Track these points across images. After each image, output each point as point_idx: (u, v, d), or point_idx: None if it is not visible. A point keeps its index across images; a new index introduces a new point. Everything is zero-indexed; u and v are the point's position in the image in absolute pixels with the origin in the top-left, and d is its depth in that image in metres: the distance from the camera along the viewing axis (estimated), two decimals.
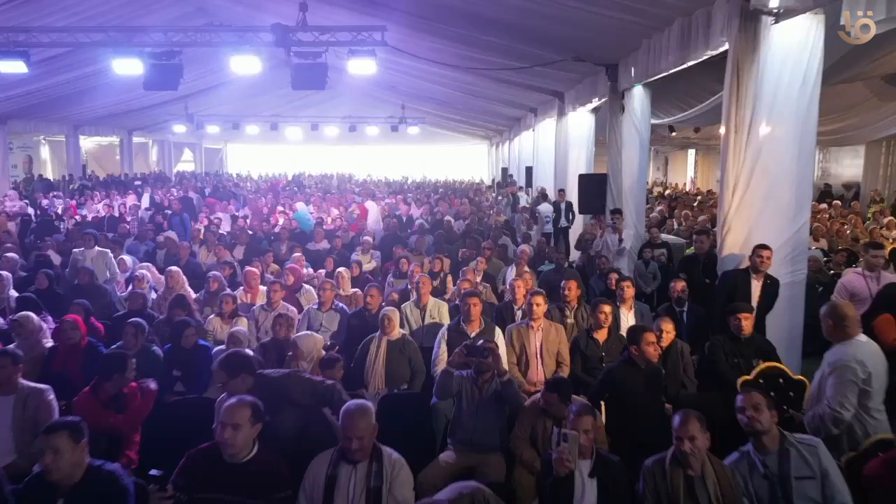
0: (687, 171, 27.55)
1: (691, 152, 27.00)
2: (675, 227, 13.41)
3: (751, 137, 6.06)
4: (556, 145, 14.64)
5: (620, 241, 8.52)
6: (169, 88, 10.66)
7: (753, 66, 6.01)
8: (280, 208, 15.34)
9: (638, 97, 10.30)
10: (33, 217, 14.56)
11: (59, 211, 15.79)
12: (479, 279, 8.33)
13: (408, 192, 23.60)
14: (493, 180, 28.04)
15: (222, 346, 5.36)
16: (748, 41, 6.00)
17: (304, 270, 8.54)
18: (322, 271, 8.44)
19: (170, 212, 13.44)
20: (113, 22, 11.46)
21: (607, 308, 5.63)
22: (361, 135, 26.61)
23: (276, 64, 17.01)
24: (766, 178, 6.08)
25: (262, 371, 3.90)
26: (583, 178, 11.27)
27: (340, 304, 6.64)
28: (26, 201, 16.97)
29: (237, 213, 15.65)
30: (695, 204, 19.13)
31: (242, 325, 6.43)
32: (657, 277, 8.91)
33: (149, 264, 8.60)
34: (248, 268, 7.54)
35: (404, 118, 24.10)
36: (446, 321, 6.39)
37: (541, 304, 5.63)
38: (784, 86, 6.01)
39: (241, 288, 7.44)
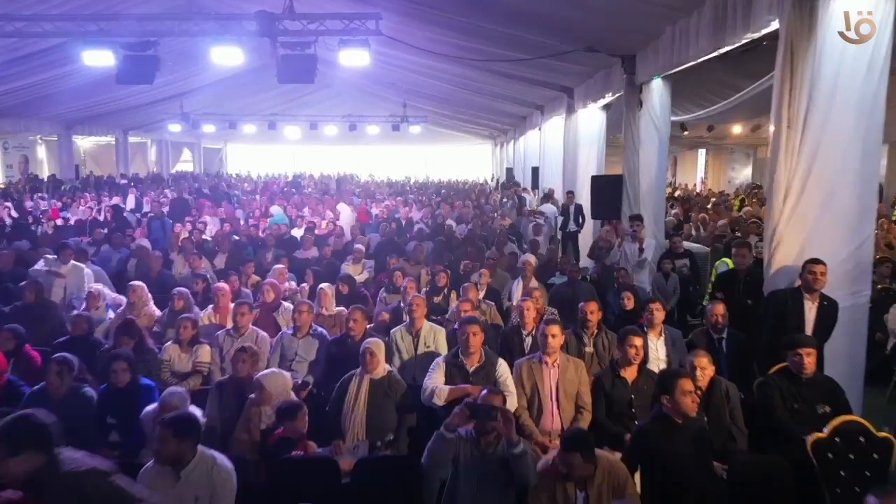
0: (697, 172, 26.48)
1: (702, 152, 25.92)
2: (693, 232, 12.35)
3: (806, 135, 5.03)
4: (565, 144, 13.59)
5: (641, 251, 7.48)
6: (144, 82, 9.67)
7: (810, 49, 4.97)
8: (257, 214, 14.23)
9: (657, 91, 9.26)
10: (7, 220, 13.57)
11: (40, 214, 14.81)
12: (482, 295, 7.31)
13: (409, 193, 22.58)
14: (497, 181, 26.98)
15: (176, 389, 4.29)
16: (803, 20, 4.97)
17: (287, 284, 7.53)
18: (305, 285, 7.41)
19: (151, 214, 12.38)
20: (87, 10, 10.44)
21: (638, 341, 4.59)
22: (362, 134, 25.55)
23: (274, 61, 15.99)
24: (823, 181, 5.06)
25: (60, 455, 2.65)
26: (596, 180, 10.22)
27: (319, 329, 5.63)
28: (8, 204, 16.00)
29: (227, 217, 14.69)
30: (708, 206, 18.05)
31: (205, 355, 5.42)
32: (677, 292, 7.89)
33: (100, 285, 7.51)
34: (218, 283, 6.51)
35: (406, 117, 23.06)
36: (444, 350, 5.37)
37: (557, 336, 4.61)
38: (846, 73, 4.98)
39: (212, 306, 6.43)
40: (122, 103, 20.85)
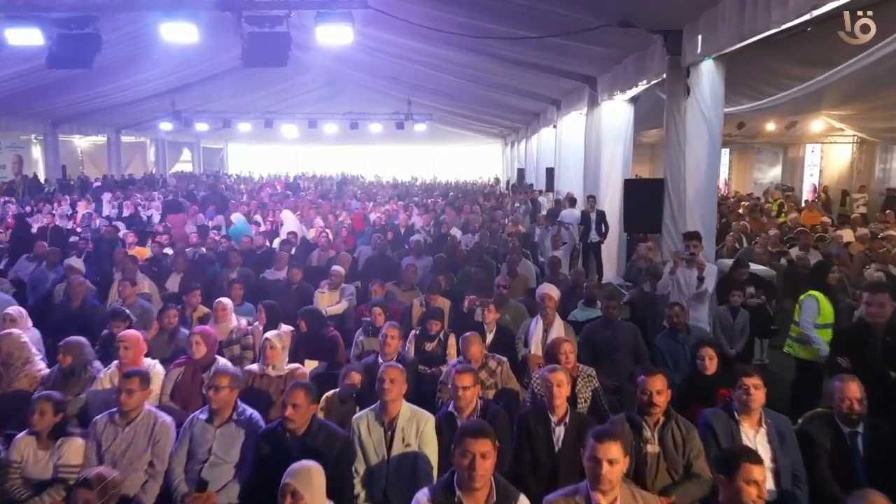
0: (720, 173, 24.33)
1: (725, 151, 23.77)
2: (736, 245, 10.33)
3: None
4: (587, 142, 11.62)
5: (701, 280, 5.53)
6: (82, 66, 7.83)
7: None
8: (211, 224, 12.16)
9: (708, 75, 7.28)
10: None
11: None
12: (489, 337, 5.39)
13: (414, 195, 20.66)
14: (508, 182, 24.97)
15: None
16: None
17: (236, 323, 5.62)
18: (258, 325, 5.48)
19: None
20: None
21: (757, 472, 2.64)
22: (364, 133, 23.60)
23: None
24: None
25: None
26: (630, 186, 8.23)
27: (248, 413, 3.71)
28: None
29: (208, 223, 12.83)
30: (740, 210, 16.01)
31: (73, 454, 3.54)
32: (745, 332, 5.92)
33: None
34: (124, 332, 4.58)
35: (410, 114, 21.12)
36: (432, 450, 3.46)
37: (617, 463, 2.66)
38: None
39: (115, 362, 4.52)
40: (109, 100, 19.14)
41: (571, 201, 11.76)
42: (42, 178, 22.64)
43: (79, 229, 12.44)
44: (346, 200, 16.90)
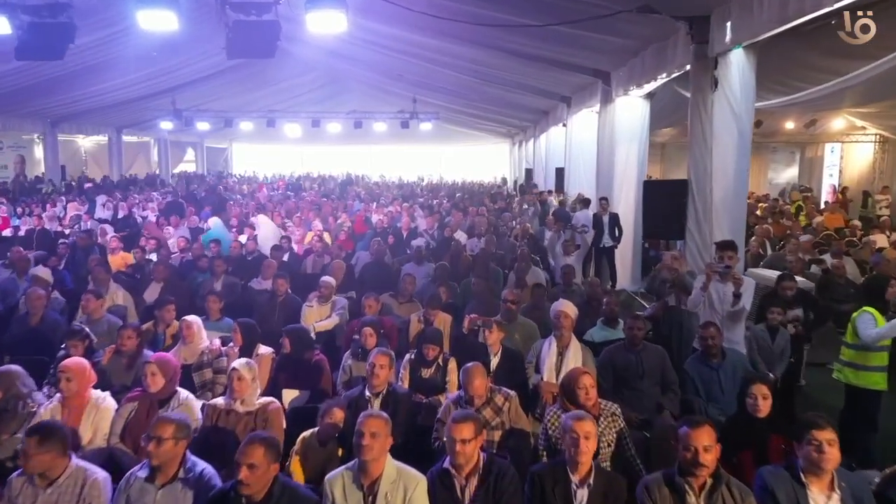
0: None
1: None
2: (760, 251, 9.56)
3: None
4: (600, 141, 10.86)
5: (737, 296, 4.78)
6: (52, 57, 7.20)
7: None
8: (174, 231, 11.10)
9: (737, 66, 6.54)
10: None
11: None
12: (494, 361, 4.68)
13: (419, 196, 19.94)
14: (516, 182, 24.20)
15: None
16: None
17: (206, 343, 4.92)
18: (234, 347, 4.77)
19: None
20: None
21: None
22: (370, 132, 22.87)
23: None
24: None
25: None
26: (651, 188, 7.48)
27: (199, 469, 3.00)
28: None
29: (203, 225, 12.15)
30: (757, 212, 15.17)
31: None
32: (786, 355, 5.17)
33: None
34: (66, 360, 3.89)
35: (416, 113, 20.39)
36: None
37: None
38: None
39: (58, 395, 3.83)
40: (108, 98, 18.51)
41: (584, 202, 10.99)
42: (46, 179, 22.11)
43: (67, 231, 11.81)
44: (349, 202, 16.19)
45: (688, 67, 6.96)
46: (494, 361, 4.70)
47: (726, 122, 6.59)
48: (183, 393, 3.89)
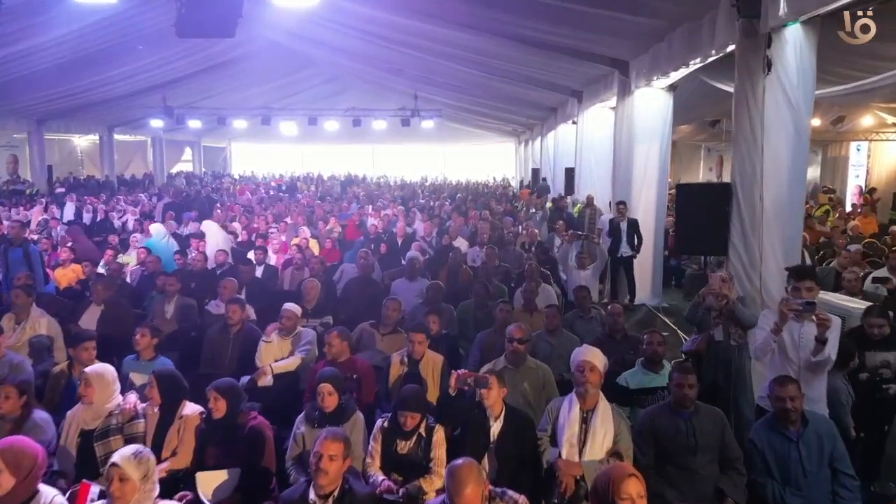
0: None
1: None
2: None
3: None
4: (616, 139, 9.60)
5: (822, 342, 3.51)
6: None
7: None
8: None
9: (794, 46, 5.26)
10: None
11: None
12: (494, 432, 3.45)
13: (420, 197, 18.71)
14: (521, 183, 22.91)
15: None
16: None
17: (119, 401, 3.70)
18: (152, 406, 3.55)
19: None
20: None
21: None
22: (371, 131, 21.61)
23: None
24: None
25: None
26: (686, 192, 6.15)
27: None
28: None
29: (182, 230, 10.96)
30: None
31: None
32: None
33: None
34: None
35: (417, 110, 19.14)
36: None
37: None
38: None
39: None
40: (95, 94, 17.41)
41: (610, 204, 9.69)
42: (31, 179, 21.01)
43: (34, 237, 10.64)
44: (344, 204, 14.96)
45: (730, 48, 5.69)
46: (496, 428, 3.47)
47: (780, 113, 5.31)
48: (47, 495, 2.66)
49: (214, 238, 8.35)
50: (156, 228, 8.76)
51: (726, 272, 5.02)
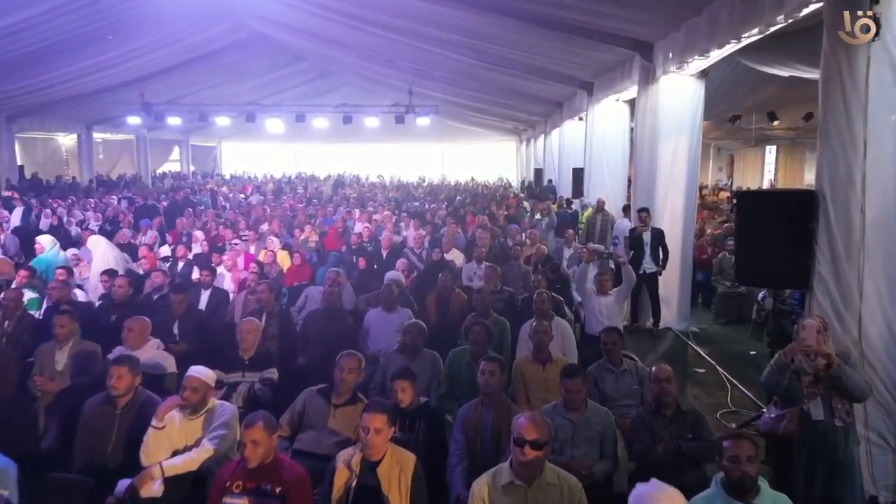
0: (764, 172, 20.46)
1: (770, 149, 19.97)
2: None
3: None
4: (638, 134, 8.07)
5: None
6: None
7: None
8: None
9: None
10: None
11: None
12: None
13: (414, 199, 17.16)
14: (523, 183, 21.33)
15: None
16: None
17: None
18: None
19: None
20: None
21: None
22: (365, 129, 19.96)
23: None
24: None
25: None
26: (750, 202, 4.51)
27: None
28: None
29: (139, 241, 9.41)
30: None
31: None
32: None
33: None
34: None
35: (412, 106, 17.54)
36: None
37: None
38: None
39: None
40: (63, 89, 15.91)
41: (625, 209, 8.17)
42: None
43: None
44: (329, 208, 13.40)
45: (813, 6, 4.14)
46: None
47: (888, 96, 3.78)
48: None
49: (102, 257, 6.65)
50: (45, 240, 7.00)
51: (820, 319, 3.48)
